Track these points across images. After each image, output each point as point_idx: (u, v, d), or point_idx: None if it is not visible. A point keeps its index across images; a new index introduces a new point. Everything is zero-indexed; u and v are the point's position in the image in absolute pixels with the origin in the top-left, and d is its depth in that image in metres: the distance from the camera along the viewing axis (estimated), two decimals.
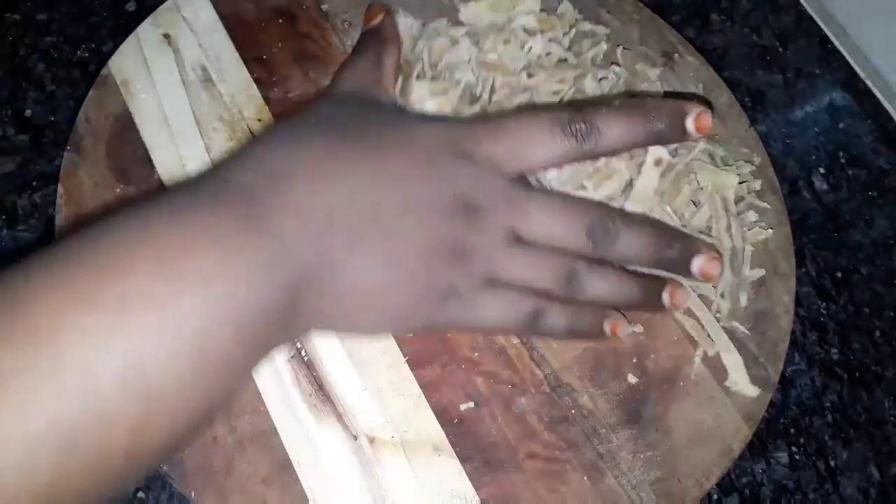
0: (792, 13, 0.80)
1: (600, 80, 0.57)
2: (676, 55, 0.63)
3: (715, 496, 0.54)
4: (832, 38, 0.78)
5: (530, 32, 0.58)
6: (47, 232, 0.54)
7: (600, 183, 0.51)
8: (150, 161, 0.51)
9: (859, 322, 0.63)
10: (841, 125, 0.73)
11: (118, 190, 0.50)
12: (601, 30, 0.61)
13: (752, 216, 0.55)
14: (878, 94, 0.75)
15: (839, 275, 0.65)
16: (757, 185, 0.57)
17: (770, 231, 0.56)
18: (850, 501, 0.56)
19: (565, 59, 0.58)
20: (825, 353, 0.61)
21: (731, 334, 0.52)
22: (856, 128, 0.73)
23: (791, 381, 0.59)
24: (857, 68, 0.76)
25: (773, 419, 0.57)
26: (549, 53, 0.58)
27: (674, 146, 0.54)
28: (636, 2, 0.65)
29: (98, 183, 0.50)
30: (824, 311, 0.63)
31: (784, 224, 0.57)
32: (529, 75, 0.55)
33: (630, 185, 0.52)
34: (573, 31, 0.60)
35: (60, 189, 0.49)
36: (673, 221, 0.52)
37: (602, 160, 0.52)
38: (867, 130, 0.73)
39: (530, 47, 0.57)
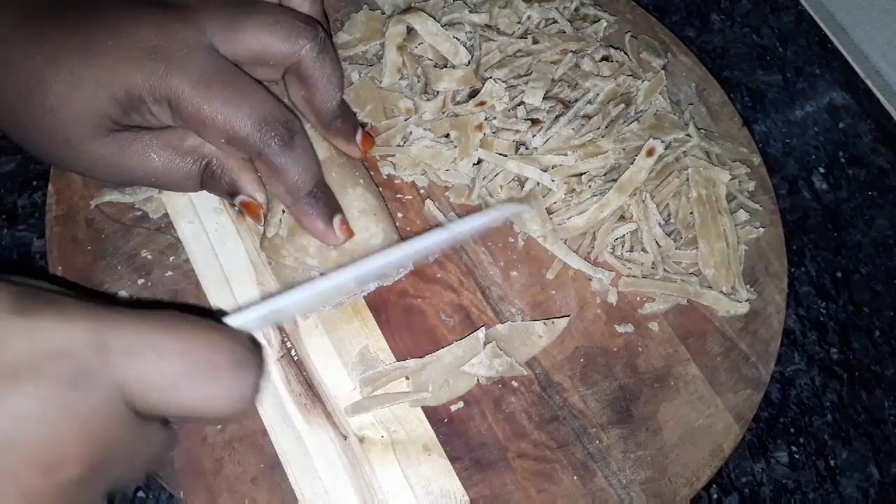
0: (792, 13, 0.80)
1: (601, 59, 0.58)
2: (669, 54, 0.63)
3: (715, 496, 0.54)
4: (832, 37, 0.78)
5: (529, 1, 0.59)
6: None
7: (585, 158, 0.52)
8: None
9: (859, 322, 0.62)
10: (841, 125, 0.73)
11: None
12: (605, 15, 0.62)
13: (742, 215, 0.55)
14: (878, 94, 0.74)
15: (839, 274, 0.64)
16: (751, 185, 0.57)
17: (761, 230, 0.55)
18: (850, 501, 0.55)
19: (563, 31, 0.59)
20: (825, 353, 0.61)
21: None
22: (855, 127, 0.73)
23: (791, 380, 0.59)
24: (856, 68, 0.76)
25: (773, 419, 0.57)
26: (550, 21, 0.59)
27: (669, 139, 0.54)
28: (629, 1, 0.65)
29: (88, 182, 0.51)
30: (824, 311, 0.63)
31: (776, 224, 0.57)
32: (535, 41, 0.56)
33: (615, 169, 0.52)
34: (574, 4, 0.61)
35: (51, 188, 0.50)
36: (655, 214, 0.52)
37: (589, 135, 0.53)
38: (867, 130, 0.73)
39: (528, 15, 0.58)
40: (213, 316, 0.34)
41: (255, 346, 0.32)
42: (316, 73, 0.43)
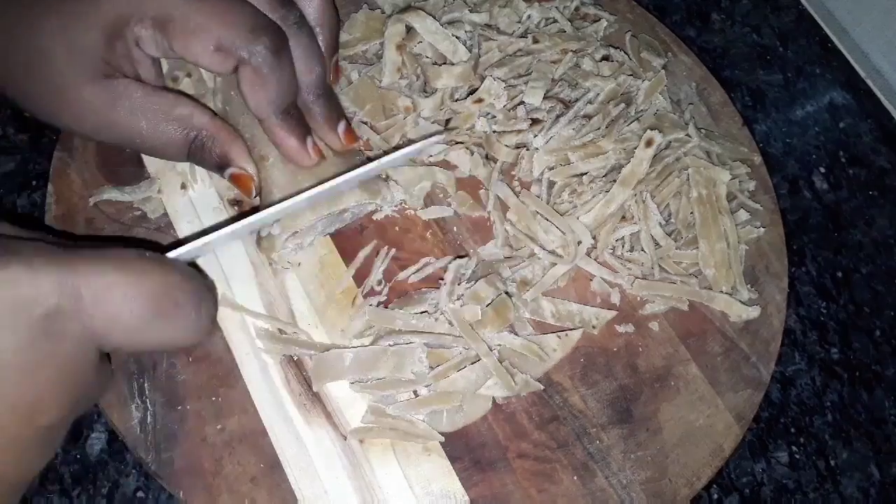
0: (792, 13, 0.80)
1: (601, 59, 0.58)
2: (670, 54, 0.63)
3: (715, 496, 0.54)
4: (832, 37, 0.78)
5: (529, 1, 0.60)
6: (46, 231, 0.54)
7: (585, 159, 0.52)
8: (139, 159, 0.52)
9: (860, 321, 0.62)
10: (841, 124, 0.73)
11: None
12: (605, 14, 0.62)
13: (743, 215, 0.55)
14: (879, 94, 0.74)
15: (839, 274, 0.64)
16: (751, 185, 0.57)
17: (762, 230, 0.55)
18: (851, 501, 0.55)
19: (563, 31, 0.59)
20: (825, 353, 0.61)
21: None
22: (856, 127, 0.73)
23: (791, 380, 0.59)
24: (857, 67, 0.76)
25: (774, 419, 0.57)
26: (550, 20, 0.60)
27: (668, 139, 0.54)
28: (629, 0, 0.65)
29: (88, 182, 0.51)
30: (825, 311, 0.62)
31: (777, 224, 0.57)
32: (535, 41, 0.57)
33: (615, 169, 0.52)
34: (574, 3, 0.62)
35: (51, 188, 0.50)
36: (655, 214, 0.52)
37: (590, 135, 0.53)
38: (867, 130, 0.73)
39: (528, 14, 0.59)
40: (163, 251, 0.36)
41: (205, 278, 0.36)
42: (292, 39, 0.43)
